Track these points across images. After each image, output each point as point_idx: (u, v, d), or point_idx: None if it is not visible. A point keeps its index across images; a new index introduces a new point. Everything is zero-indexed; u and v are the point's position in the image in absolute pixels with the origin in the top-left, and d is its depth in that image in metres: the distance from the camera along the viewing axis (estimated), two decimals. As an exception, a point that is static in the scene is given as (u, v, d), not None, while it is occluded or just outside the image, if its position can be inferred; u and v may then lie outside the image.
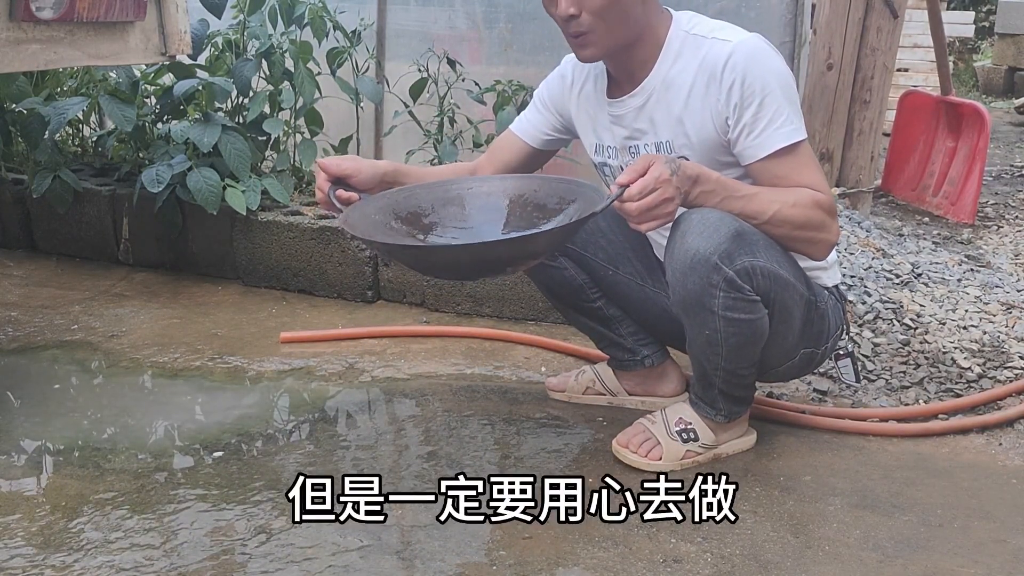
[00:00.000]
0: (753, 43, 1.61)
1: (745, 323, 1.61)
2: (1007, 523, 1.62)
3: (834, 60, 3.20)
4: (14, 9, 1.83)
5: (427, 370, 2.22)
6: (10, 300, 2.61)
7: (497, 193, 1.74)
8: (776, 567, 1.47)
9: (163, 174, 2.61)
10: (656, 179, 1.46)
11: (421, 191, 1.74)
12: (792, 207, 1.59)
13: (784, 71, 1.62)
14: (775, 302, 1.64)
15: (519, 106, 2.65)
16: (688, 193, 1.53)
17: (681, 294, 1.61)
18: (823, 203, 1.61)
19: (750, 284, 1.58)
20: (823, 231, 1.62)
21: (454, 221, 1.72)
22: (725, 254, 1.54)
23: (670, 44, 1.67)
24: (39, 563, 1.44)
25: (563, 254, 1.90)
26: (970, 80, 8.25)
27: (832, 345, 1.82)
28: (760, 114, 1.59)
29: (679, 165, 1.50)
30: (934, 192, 3.81)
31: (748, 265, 1.57)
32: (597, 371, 2.06)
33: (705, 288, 1.57)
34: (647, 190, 1.46)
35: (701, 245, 1.55)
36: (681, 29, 1.67)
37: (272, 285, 2.73)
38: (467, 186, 1.76)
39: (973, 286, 2.67)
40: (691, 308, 1.62)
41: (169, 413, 1.98)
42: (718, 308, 1.59)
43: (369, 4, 3.03)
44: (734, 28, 1.66)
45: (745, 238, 1.57)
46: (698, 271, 1.56)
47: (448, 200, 1.73)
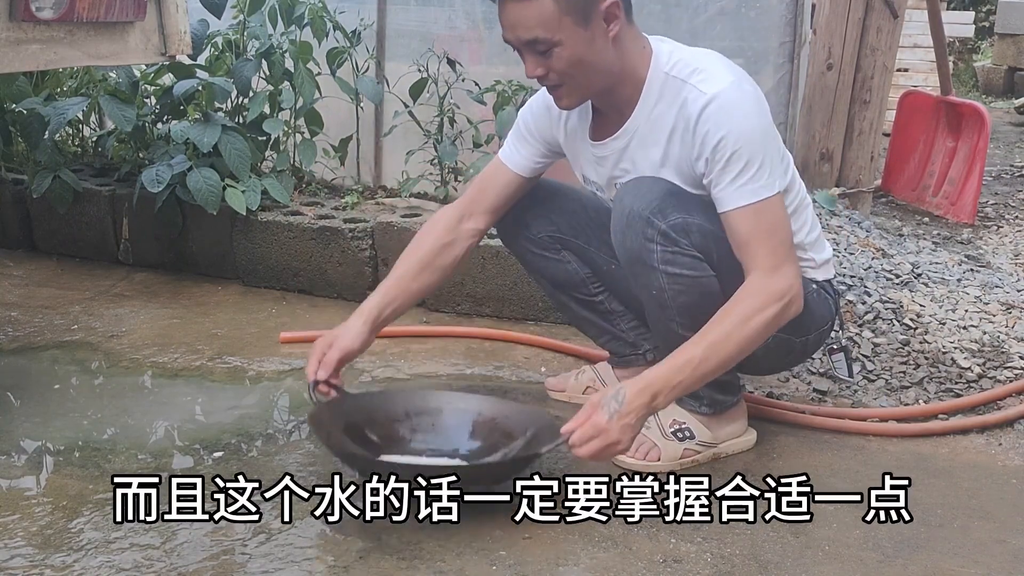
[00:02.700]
0: (727, 96, 1.57)
1: (688, 279, 1.63)
2: (1007, 523, 1.62)
3: (834, 60, 3.20)
4: (14, 9, 1.83)
5: (427, 370, 2.22)
6: (10, 300, 2.61)
7: (471, 411, 1.80)
8: (776, 567, 1.47)
9: (163, 174, 2.61)
10: (595, 427, 1.50)
11: (401, 397, 1.84)
12: (746, 323, 1.55)
13: (758, 125, 1.59)
14: (721, 263, 1.64)
15: (519, 106, 2.65)
16: (652, 408, 1.54)
17: (623, 255, 1.68)
18: (775, 292, 1.56)
19: (687, 239, 1.61)
20: (785, 316, 1.59)
21: (424, 431, 1.79)
22: (657, 209, 1.61)
23: (650, 85, 1.65)
24: (39, 563, 1.44)
25: (566, 248, 1.91)
26: (970, 80, 8.25)
27: (817, 338, 1.80)
28: (727, 169, 1.57)
29: (622, 400, 1.51)
30: (934, 192, 3.81)
31: (682, 220, 1.61)
32: (597, 371, 2.06)
33: (642, 243, 1.62)
34: (586, 439, 1.51)
35: (635, 203, 1.63)
36: (661, 70, 1.64)
37: (272, 285, 2.73)
38: (446, 400, 1.84)
39: (973, 286, 2.67)
40: (634, 267, 1.67)
41: (169, 413, 1.98)
42: (657, 262, 1.62)
43: (369, 4, 3.03)
44: (713, 67, 1.62)
45: (680, 197, 1.63)
46: (634, 227, 1.62)
47: (424, 411, 1.80)
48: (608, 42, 1.60)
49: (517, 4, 1.56)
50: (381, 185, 3.10)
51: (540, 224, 1.91)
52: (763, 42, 2.82)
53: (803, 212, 1.75)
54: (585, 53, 1.58)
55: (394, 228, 2.58)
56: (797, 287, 1.60)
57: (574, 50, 1.57)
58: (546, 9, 1.54)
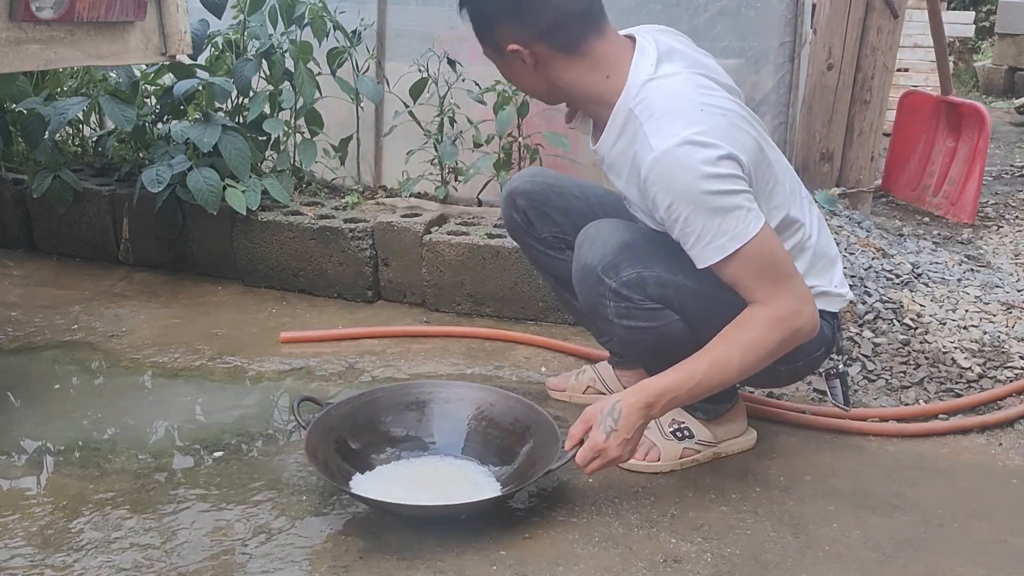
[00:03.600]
0: (670, 157, 1.47)
1: (646, 330, 1.62)
2: (1007, 523, 1.62)
3: (834, 60, 3.20)
4: (14, 9, 1.83)
5: (427, 370, 2.22)
6: (10, 300, 2.61)
7: (456, 401, 1.83)
8: (776, 567, 1.47)
9: (163, 174, 2.61)
10: (594, 449, 1.53)
11: (383, 396, 1.82)
12: (750, 349, 1.53)
13: (703, 184, 1.46)
14: (686, 306, 1.60)
15: (519, 106, 2.65)
16: (649, 419, 1.55)
17: (582, 304, 1.71)
18: (778, 318, 1.53)
19: (640, 293, 1.59)
20: (794, 339, 1.55)
21: (410, 428, 1.79)
22: (610, 265, 1.60)
23: (615, 117, 1.58)
24: (39, 563, 1.44)
25: (569, 247, 1.91)
26: (970, 80, 8.25)
27: (806, 365, 1.74)
28: (686, 231, 1.50)
29: (617, 418, 1.52)
30: (934, 192, 3.80)
31: (635, 276, 1.59)
32: (597, 371, 2.06)
33: (596, 299, 1.64)
34: (587, 460, 1.54)
35: (590, 257, 1.63)
36: (627, 104, 1.56)
37: (272, 285, 2.73)
38: (429, 391, 1.85)
39: (973, 286, 2.66)
40: (593, 316, 1.71)
41: (169, 413, 1.98)
42: (612, 316, 1.63)
43: (369, 4, 3.02)
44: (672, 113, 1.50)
45: (635, 249, 1.60)
46: (588, 281, 1.63)
47: (407, 406, 1.82)
48: (537, 75, 1.61)
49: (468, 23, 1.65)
50: (381, 185, 3.09)
51: (544, 223, 1.91)
52: (763, 42, 2.82)
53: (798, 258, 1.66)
54: (518, 83, 1.69)
55: (394, 228, 2.58)
56: (805, 312, 1.54)
57: (511, 79, 1.70)
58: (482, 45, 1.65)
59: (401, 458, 1.74)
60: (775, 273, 1.54)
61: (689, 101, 1.53)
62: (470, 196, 2.88)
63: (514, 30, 1.57)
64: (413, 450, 1.76)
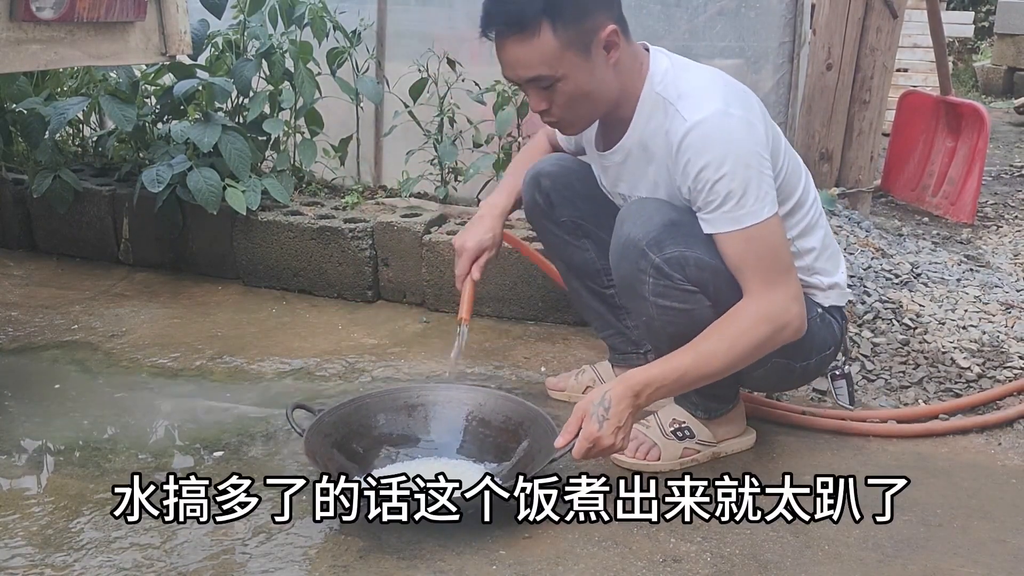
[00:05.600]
0: (709, 125, 1.53)
1: (679, 312, 1.61)
2: (1007, 523, 1.62)
3: (834, 60, 3.20)
4: (14, 9, 1.83)
5: (427, 369, 2.22)
6: (10, 300, 2.61)
7: (444, 403, 1.83)
8: (776, 567, 1.47)
9: (163, 174, 2.61)
10: (589, 439, 1.53)
11: (372, 401, 1.81)
12: (735, 344, 1.55)
13: (741, 153, 1.53)
14: (720, 294, 1.61)
15: (519, 106, 2.65)
16: (637, 407, 1.55)
17: (617, 278, 1.69)
18: (764, 315, 1.55)
19: (681, 273, 1.59)
20: (780, 336, 1.57)
21: (404, 430, 1.79)
22: (655, 241, 1.58)
23: (643, 104, 1.63)
24: (39, 563, 1.44)
25: (586, 236, 1.93)
26: (970, 80, 8.25)
27: (818, 363, 1.77)
28: (709, 198, 1.54)
29: (608, 407, 1.52)
30: (934, 192, 3.81)
31: (678, 254, 1.58)
32: (597, 370, 2.06)
33: (635, 274, 1.61)
34: (583, 451, 1.54)
35: (634, 231, 1.61)
36: (653, 89, 1.62)
37: (272, 285, 2.73)
38: (420, 393, 1.84)
39: (972, 286, 2.67)
40: (627, 294, 1.68)
41: (169, 413, 1.98)
42: (648, 294, 1.62)
43: (369, 4, 3.03)
44: (702, 90, 1.58)
45: (680, 229, 1.59)
46: (629, 257, 1.61)
47: (399, 410, 1.81)
48: (609, 69, 1.60)
49: (517, 44, 1.54)
50: (381, 185, 3.10)
51: (565, 207, 1.90)
52: (763, 42, 2.82)
53: (812, 234, 1.73)
54: (587, 83, 1.58)
55: (394, 228, 2.58)
56: (794, 311, 1.57)
57: (577, 83, 1.57)
58: (547, 46, 1.53)
59: (398, 460, 1.74)
60: (774, 263, 1.57)
61: (714, 80, 1.62)
62: (470, 196, 2.88)
63: (606, 17, 1.57)
64: (409, 452, 1.76)
